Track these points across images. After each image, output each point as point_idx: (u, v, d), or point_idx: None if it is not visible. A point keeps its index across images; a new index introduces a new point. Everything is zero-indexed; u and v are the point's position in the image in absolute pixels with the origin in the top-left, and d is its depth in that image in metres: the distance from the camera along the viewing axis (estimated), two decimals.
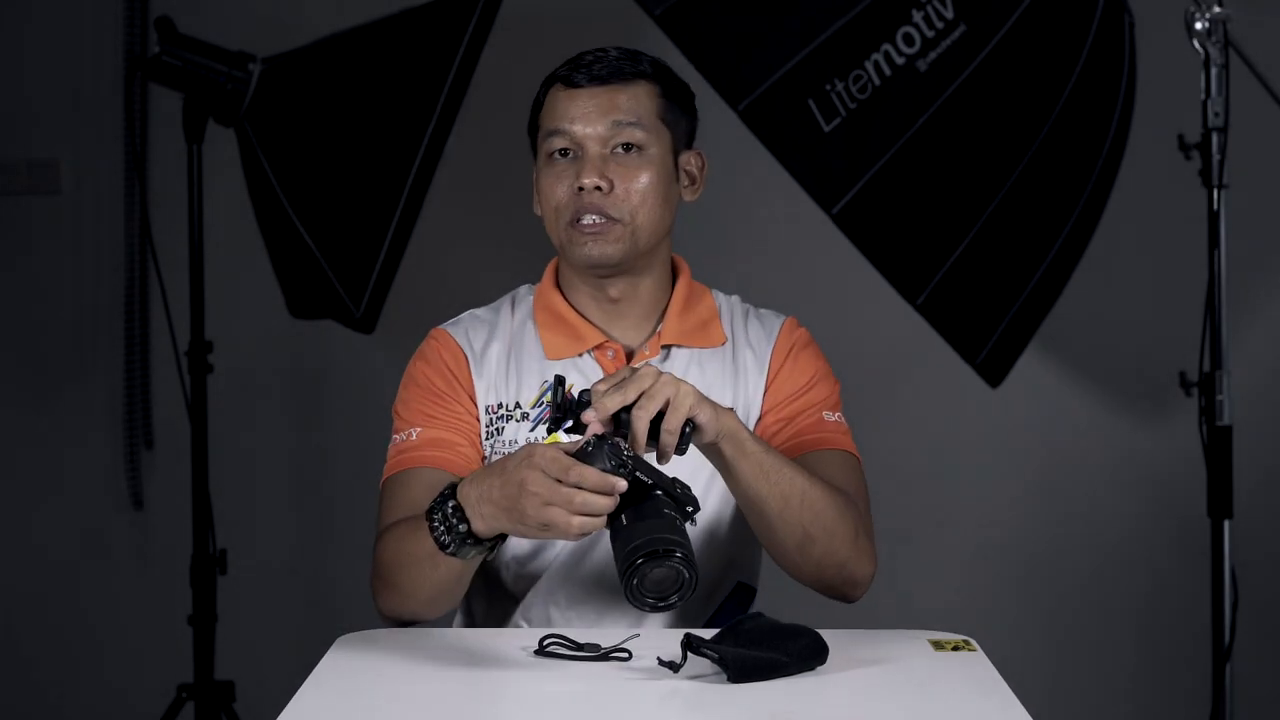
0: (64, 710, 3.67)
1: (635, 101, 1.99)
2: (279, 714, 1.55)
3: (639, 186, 1.98)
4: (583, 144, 1.98)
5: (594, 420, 1.70)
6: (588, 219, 1.97)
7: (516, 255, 2.24)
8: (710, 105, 2.53)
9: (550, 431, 1.73)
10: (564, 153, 1.99)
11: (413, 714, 1.54)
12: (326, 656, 1.76)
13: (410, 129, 2.82)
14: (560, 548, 1.98)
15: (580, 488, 1.61)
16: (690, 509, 1.65)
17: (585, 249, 1.98)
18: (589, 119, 1.98)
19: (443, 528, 1.69)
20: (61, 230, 3.65)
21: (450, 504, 1.69)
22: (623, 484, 1.61)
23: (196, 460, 3.01)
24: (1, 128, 3.64)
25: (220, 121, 2.99)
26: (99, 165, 3.63)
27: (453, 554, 1.70)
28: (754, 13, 2.53)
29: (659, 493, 1.64)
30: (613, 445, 1.63)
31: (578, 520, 1.61)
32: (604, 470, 1.61)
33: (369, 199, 2.88)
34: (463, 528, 1.68)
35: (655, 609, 1.61)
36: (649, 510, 1.63)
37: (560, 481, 1.61)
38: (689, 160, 2.06)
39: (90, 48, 3.63)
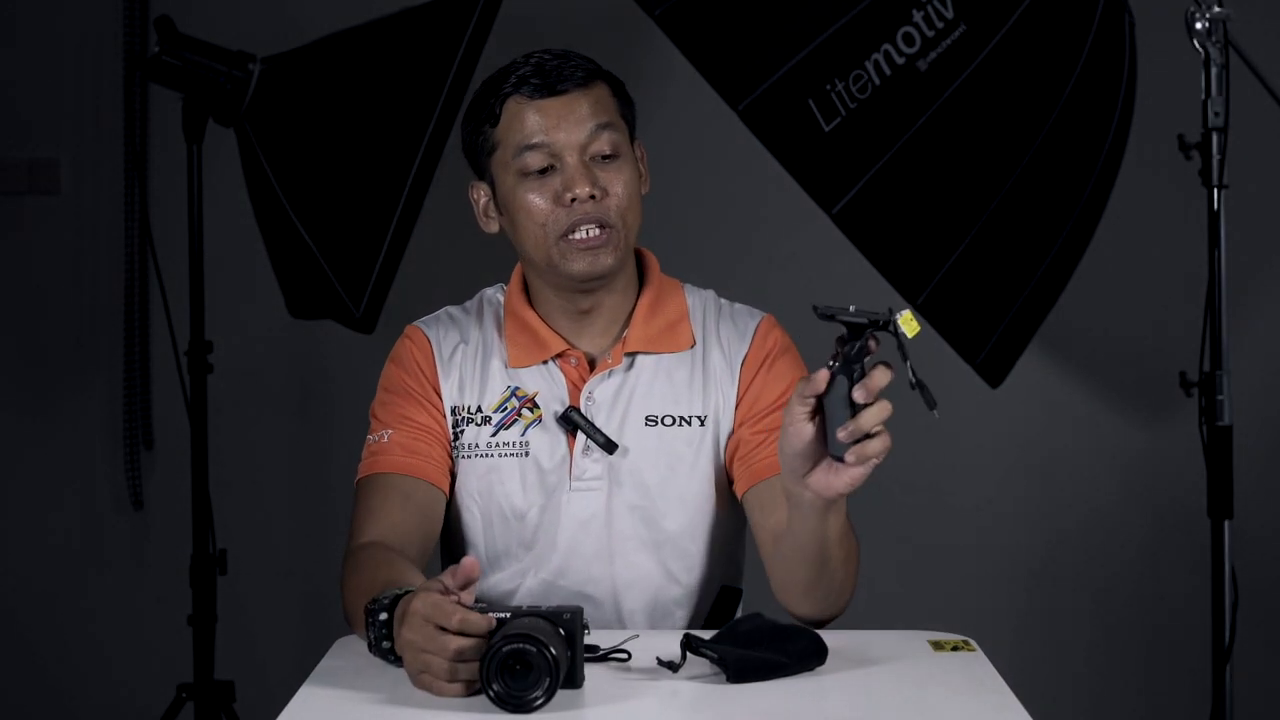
0: (64, 710, 3.67)
1: (601, 104, 1.95)
2: (279, 714, 1.55)
3: (625, 189, 1.95)
4: (561, 154, 1.93)
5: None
6: (583, 231, 1.92)
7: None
8: (710, 105, 2.54)
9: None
10: (542, 170, 1.94)
11: (411, 715, 1.54)
12: (326, 656, 1.76)
13: (410, 129, 2.81)
14: (537, 560, 1.98)
15: (464, 634, 1.54)
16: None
17: (583, 264, 1.94)
18: (565, 128, 1.93)
19: (372, 634, 1.66)
20: (61, 230, 3.65)
21: (382, 616, 1.64)
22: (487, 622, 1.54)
23: (196, 460, 3.00)
24: (1, 128, 3.64)
25: (220, 121, 2.99)
26: (99, 165, 3.63)
27: (377, 656, 1.67)
28: (754, 13, 2.52)
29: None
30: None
31: (463, 668, 1.53)
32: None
33: (369, 199, 2.88)
34: (386, 645, 1.65)
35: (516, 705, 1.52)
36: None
37: (444, 629, 1.54)
38: (637, 152, 2.02)
39: (90, 48, 3.63)
